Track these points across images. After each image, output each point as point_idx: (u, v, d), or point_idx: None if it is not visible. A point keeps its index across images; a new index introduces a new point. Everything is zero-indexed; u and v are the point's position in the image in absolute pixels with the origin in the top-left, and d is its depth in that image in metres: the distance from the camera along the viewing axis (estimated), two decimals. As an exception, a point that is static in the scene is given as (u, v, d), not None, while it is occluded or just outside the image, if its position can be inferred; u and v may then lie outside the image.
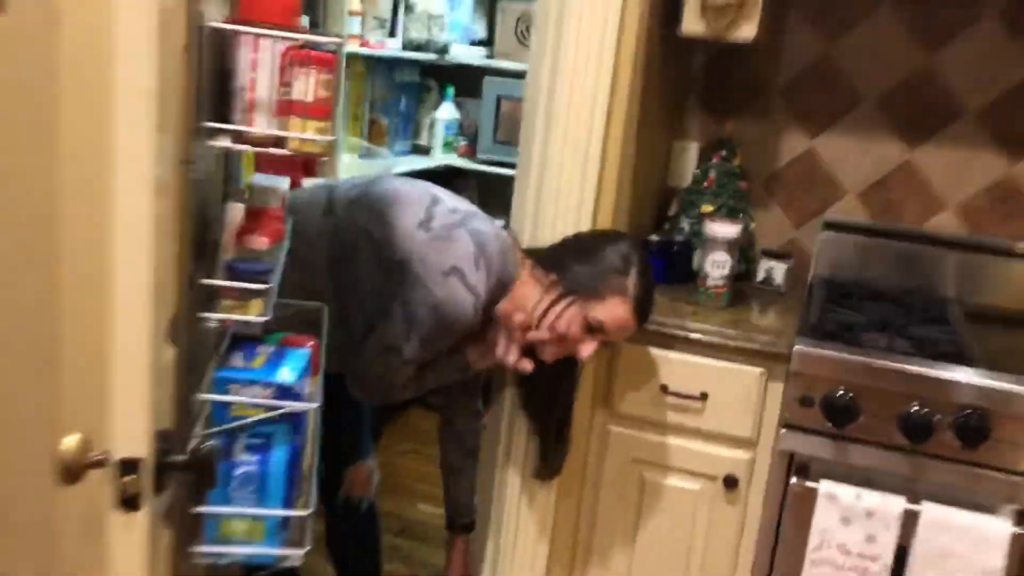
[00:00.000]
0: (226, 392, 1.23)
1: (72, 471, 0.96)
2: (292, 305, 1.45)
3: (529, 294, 1.77)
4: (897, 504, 1.89)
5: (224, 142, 1.13)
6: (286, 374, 1.25)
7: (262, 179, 1.43)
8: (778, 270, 2.36)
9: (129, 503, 1.06)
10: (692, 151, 2.57)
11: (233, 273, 1.20)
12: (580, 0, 1.86)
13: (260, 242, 1.25)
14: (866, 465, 1.93)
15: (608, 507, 2.15)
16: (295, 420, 1.25)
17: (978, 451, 1.84)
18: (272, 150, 1.16)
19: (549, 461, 2.03)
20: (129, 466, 1.05)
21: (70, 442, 0.95)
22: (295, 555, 1.29)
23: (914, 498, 1.89)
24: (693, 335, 2.02)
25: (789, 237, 2.54)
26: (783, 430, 1.97)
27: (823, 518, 1.93)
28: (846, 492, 1.91)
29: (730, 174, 2.42)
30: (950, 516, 1.87)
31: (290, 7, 1.17)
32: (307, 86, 1.14)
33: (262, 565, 1.32)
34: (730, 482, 2.05)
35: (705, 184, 2.43)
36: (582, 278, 1.75)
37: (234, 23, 1.14)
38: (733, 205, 2.41)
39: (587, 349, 1.76)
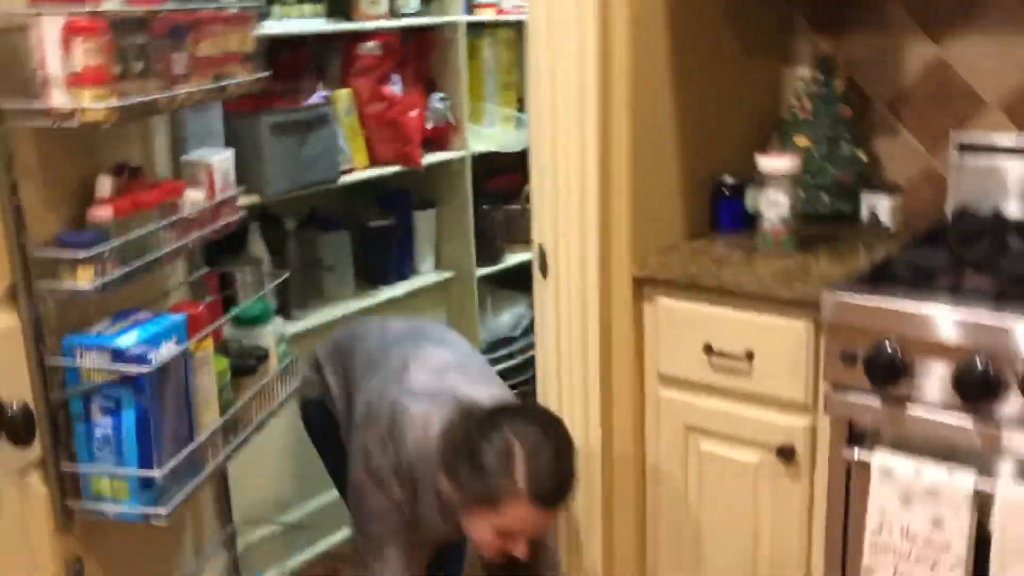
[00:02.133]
0: (73, 357, 1.29)
1: None
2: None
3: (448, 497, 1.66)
4: (965, 482, 1.53)
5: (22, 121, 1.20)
6: (125, 339, 1.29)
7: (195, 154, 1.49)
8: (882, 206, 2.00)
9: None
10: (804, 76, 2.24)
11: (62, 244, 1.27)
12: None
13: (101, 214, 1.30)
14: (922, 434, 1.59)
15: (667, 481, 1.96)
16: (138, 383, 1.29)
17: (1056, 416, 1.45)
18: (67, 124, 1.20)
19: None
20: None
21: None
22: (159, 514, 1.33)
23: (987, 470, 1.53)
24: (728, 286, 1.78)
25: (922, 166, 2.14)
26: (831, 392, 1.68)
27: (880, 497, 1.62)
28: (903, 466, 1.59)
29: (827, 100, 2.09)
30: (1032, 497, 1.49)
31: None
32: (82, 56, 1.17)
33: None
34: (786, 453, 1.78)
35: (800, 114, 2.12)
36: (472, 489, 1.58)
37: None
38: (833, 135, 2.08)
39: (517, 549, 1.60)
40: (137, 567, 1.55)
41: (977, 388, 1.49)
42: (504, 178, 3.28)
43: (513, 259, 3.23)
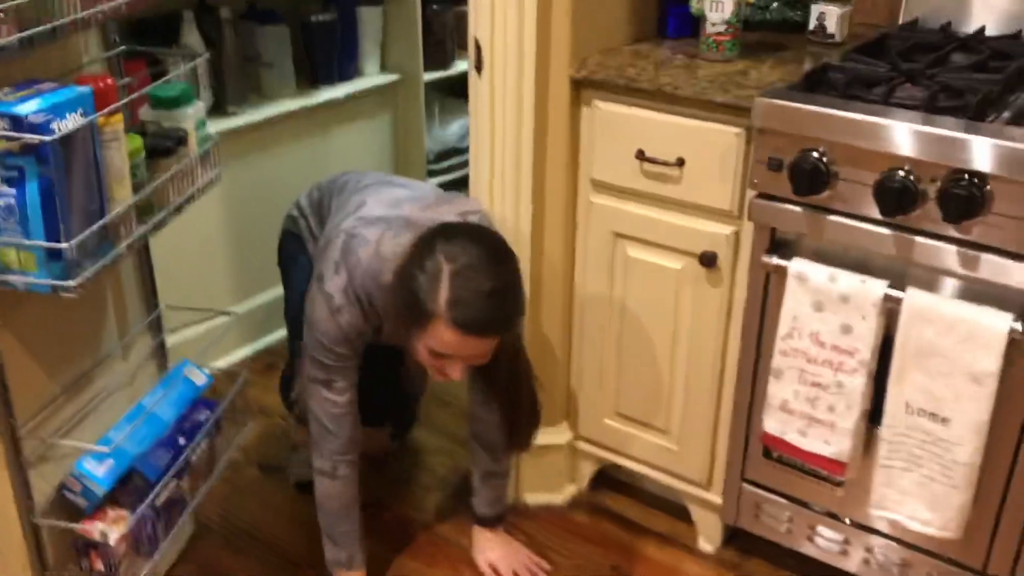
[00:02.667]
0: (-28, 123, 1.25)
1: None
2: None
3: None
4: (876, 288, 1.57)
5: None
6: (25, 107, 1.25)
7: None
8: (831, 15, 1.95)
9: None
10: None
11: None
12: None
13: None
14: (841, 242, 1.61)
15: (594, 284, 1.99)
16: (41, 153, 1.25)
17: (970, 228, 1.46)
18: None
19: (521, 438, 1.87)
20: None
21: None
22: (67, 286, 1.32)
23: (899, 285, 1.56)
24: (665, 89, 1.75)
25: (882, -24, 2.08)
26: (754, 199, 1.69)
27: (793, 302, 1.66)
28: (818, 272, 1.62)
29: None
30: (936, 305, 1.53)
31: None
32: None
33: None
34: (708, 260, 1.80)
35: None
36: (403, 310, 1.59)
37: None
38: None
39: (453, 372, 1.62)
40: (55, 342, 1.56)
41: (895, 198, 1.50)
42: (455, -22, 3.14)
43: (464, 65, 3.13)
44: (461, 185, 3.15)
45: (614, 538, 2.09)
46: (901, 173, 1.49)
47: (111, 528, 1.56)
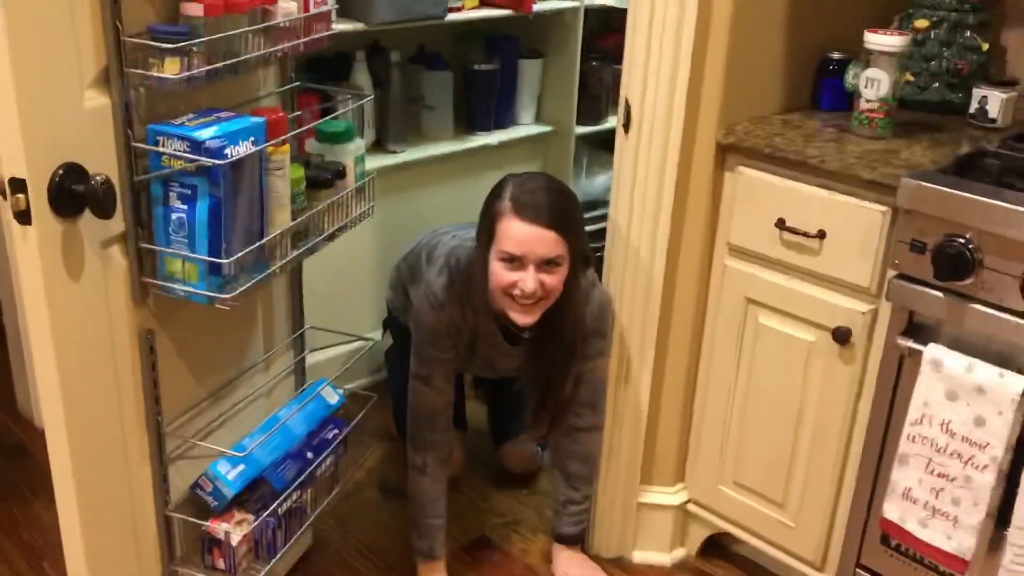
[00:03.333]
0: (156, 144, 1.38)
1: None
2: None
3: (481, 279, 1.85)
4: (1015, 384, 1.51)
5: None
6: (205, 132, 1.37)
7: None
8: (993, 100, 1.91)
9: (21, 217, 1.27)
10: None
11: (153, 35, 1.33)
12: None
13: (193, 10, 1.36)
14: (982, 332, 1.56)
15: (721, 348, 1.98)
16: (213, 175, 1.37)
17: (1121, 329, 1.40)
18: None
19: (537, 423, 1.99)
20: (18, 185, 1.26)
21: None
22: (223, 298, 1.43)
23: (1042, 381, 1.50)
24: (811, 161, 1.75)
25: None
26: (894, 279, 1.66)
27: (926, 388, 1.62)
28: (954, 361, 1.57)
29: (957, -23, 1.97)
30: (1080, 408, 1.46)
31: None
32: None
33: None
34: (841, 336, 1.77)
35: (926, -7, 2.00)
36: (481, 232, 1.82)
37: None
38: (957, 20, 1.97)
39: (526, 283, 1.74)
40: (205, 348, 1.67)
41: (1042, 291, 1.45)
42: (616, 36, 3.18)
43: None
44: (601, 237, 3.19)
45: (719, 607, 2.06)
46: (1051, 267, 1.45)
47: (235, 529, 1.65)
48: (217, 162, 1.35)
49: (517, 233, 1.73)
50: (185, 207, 1.40)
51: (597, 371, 1.98)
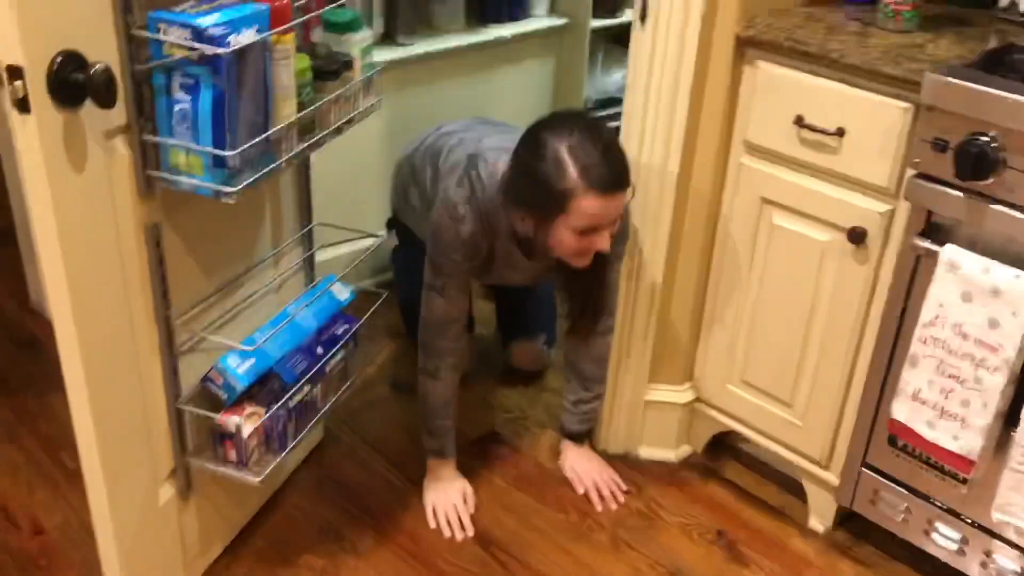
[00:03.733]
0: (157, 31, 1.34)
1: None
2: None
3: (524, 229, 1.77)
4: (1032, 286, 1.49)
5: None
6: (207, 19, 1.32)
7: None
8: (1025, -7, 1.83)
9: (20, 105, 1.24)
10: None
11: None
12: None
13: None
14: (1001, 233, 1.54)
15: (734, 248, 1.96)
16: (215, 64, 1.33)
17: None
18: None
19: (578, 327, 1.99)
20: (15, 72, 1.23)
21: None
22: (227, 191, 1.41)
23: (1060, 284, 1.48)
24: (832, 55, 1.69)
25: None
26: (913, 178, 1.62)
27: (941, 289, 1.60)
28: (971, 262, 1.55)
29: None
30: (1096, 312, 1.44)
31: None
32: None
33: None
34: (856, 236, 1.74)
35: None
36: (542, 206, 1.68)
37: None
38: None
39: (602, 242, 1.70)
40: (213, 242, 1.66)
41: (1066, 191, 1.41)
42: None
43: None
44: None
45: (723, 503, 2.09)
46: (1077, 167, 1.41)
47: (245, 422, 1.67)
48: (219, 50, 1.31)
49: (599, 208, 1.65)
50: (188, 98, 1.37)
51: (615, 273, 1.96)
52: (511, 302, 2.47)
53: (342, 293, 1.92)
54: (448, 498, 2.01)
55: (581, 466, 2.12)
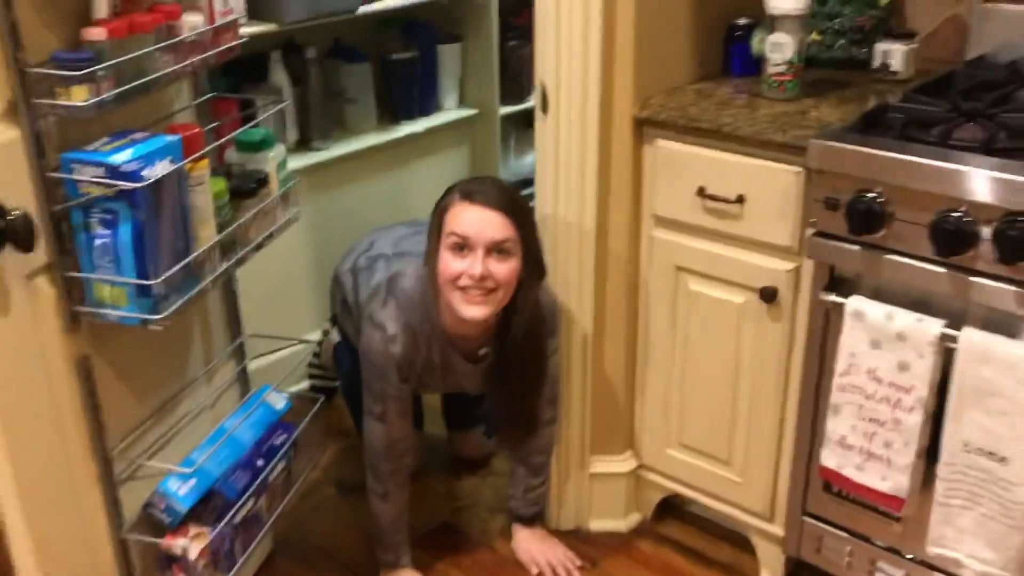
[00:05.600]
0: (71, 172, 1.37)
1: None
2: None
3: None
4: (932, 327, 1.58)
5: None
6: (120, 156, 1.36)
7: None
8: (895, 53, 1.96)
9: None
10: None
11: (57, 63, 1.32)
12: None
13: (96, 34, 1.35)
14: (899, 280, 1.63)
15: (657, 314, 2.03)
16: (133, 198, 1.37)
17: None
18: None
19: (508, 437, 2.07)
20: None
21: None
22: (155, 319, 1.44)
23: (959, 323, 1.57)
24: (725, 129, 1.79)
25: (948, 14, 2.08)
26: (812, 237, 1.71)
27: (851, 339, 1.68)
28: (875, 310, 1.63)
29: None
30: (994, 345, 1.53)
31: None
32: None
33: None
34: (768, 295, 1.83)
35: (820, -47, 2.05)
36: (431, 233, 1.81)
37: None
38: (851, -22, 2.02)
39: (475, 266, 1.72)
40: (144, 368, 1.67)
41: (949, 239, 1.51)
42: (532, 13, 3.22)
43: (539, 98, 3.22)
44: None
45: (677, 567, 2.12)
46: (956, 215, 1.51)
47: (192, 544, 1.66)
48: (134, 185, 1.35)
49: (466, 215, 1.73)
50: (108, 232, 1.40)
51: (554, 367, 2.01)
52: (450, 394, 2.49)
53: (278, 402, 1.93)
54: None
55: (534, 547, 2.14)
